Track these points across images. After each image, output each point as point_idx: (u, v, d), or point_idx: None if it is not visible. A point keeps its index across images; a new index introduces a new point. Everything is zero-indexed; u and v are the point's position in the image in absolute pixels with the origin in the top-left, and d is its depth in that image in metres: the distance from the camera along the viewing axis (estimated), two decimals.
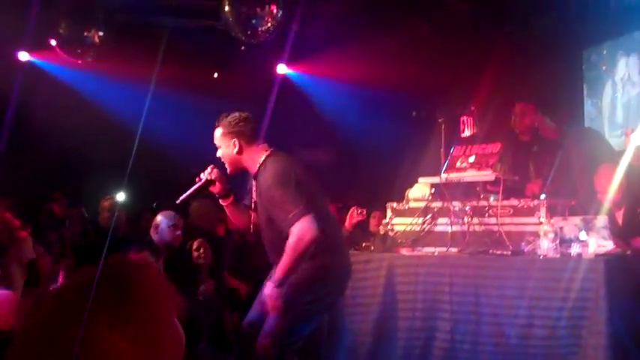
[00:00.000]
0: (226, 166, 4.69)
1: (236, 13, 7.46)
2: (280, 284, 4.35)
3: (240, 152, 4.59)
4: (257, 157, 4.59)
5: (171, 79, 9.15)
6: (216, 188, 4.68)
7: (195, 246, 6.70)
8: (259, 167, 4.57)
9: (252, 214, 4.81)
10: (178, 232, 6.47)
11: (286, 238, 4.29)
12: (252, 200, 4.73)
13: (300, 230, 4.27)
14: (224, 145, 4.63)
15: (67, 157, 9.55)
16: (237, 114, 4.65)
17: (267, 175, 4.49)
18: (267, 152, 4.61)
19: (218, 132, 4.66)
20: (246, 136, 4.60)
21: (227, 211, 4.85)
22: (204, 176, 4.65)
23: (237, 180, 4.87)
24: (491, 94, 8.05)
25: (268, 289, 4.38)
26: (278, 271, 4.36)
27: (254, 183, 4.70)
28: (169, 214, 6.57)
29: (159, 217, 6.51)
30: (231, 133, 4.60)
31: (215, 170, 4.66)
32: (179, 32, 9.00)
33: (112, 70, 9.01)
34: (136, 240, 6.80)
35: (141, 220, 8.18)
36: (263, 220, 4.61)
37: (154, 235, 6.43)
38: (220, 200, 4.77)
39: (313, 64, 9.53)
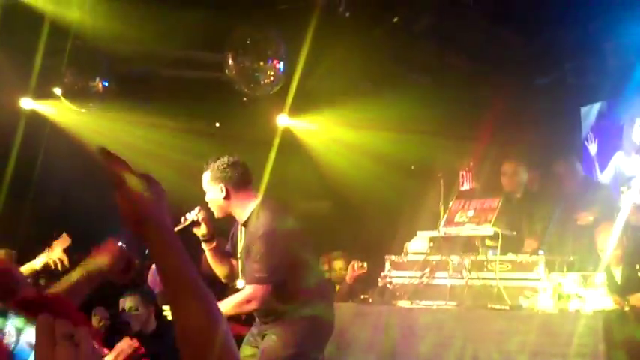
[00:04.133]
0: (213, 210, 4.60)
1: (239, 67, 7.55)
2: None
3: (227, 198, 4.51)
4: (246, 205, 4.53)
5: (173, 128, 9.23)
6: (200, 230, 4.59)
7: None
8: (250, 215, 4.51)
9: (234, 262, 4.79)
10: None
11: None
12: (237, 248, 4.71)
13: (252, 293, 4.35)
14: (211, 189, 4.54)
15: (69, 205, 9.56)
16: (225, 158, 4.58)
17: (259, 225, 4.43)
18: (258, 200, 4.55)
19: (206, 177, 4.57)
20: (234, 181, 4.51)
21: (208, 255, 4.72)
22: (189, 216, 4.56)
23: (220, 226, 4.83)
24: (489, 149, 8.13)
25: None
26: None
27: (242, 230, 4.65)
28: None
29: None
30: (218, 179, 4.50)
31: (202, 212, 4.58)
32: (182, 82, 9.10)
33: (115, 119, 9.07)
34: (129, 285, 6.81)
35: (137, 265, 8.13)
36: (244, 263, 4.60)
37: (150, 281, 6.45)
38: (203, 244, 4.66)
39: (314, 116, 9.62)
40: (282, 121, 9.72)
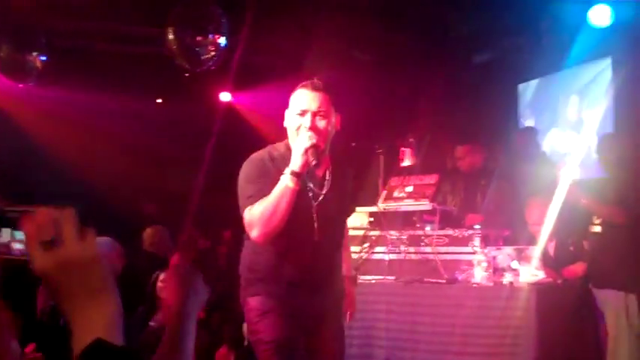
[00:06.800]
0: (321, 141, 3.49)
1: (179, 42, 7.49)
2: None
3: (335, 132, 3.65)
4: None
5: (114, 105, 9.12)
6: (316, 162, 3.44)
7: (161, 277, 6.69)
8: (336, 155, 3.75)
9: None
10: (112, 259, 6.44)
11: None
12: (317, 193, 3.57)
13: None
14: (333, 115, 3.60)
15: (6, 184, 9.40)
16: None
17: (348, 163, 3.86)
18: None
19: (324, 97, 3.57)
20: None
21: (289, 195, 3.37)
22: (307, 142, 3.44)
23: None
24: (429, 125, 8.21)
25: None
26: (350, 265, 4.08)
27: (323, 174, 3.66)
28: (103, 241, 6.54)
29: None
30: (335, 107, 3.62)
31: None
32: (122, 58, 8.98)
33: (53, 95, 8.93)
34: None
35: None
36: (332, 216, 3.64)
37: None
38: (294, 178, 3.37)
39: (256, 92, 9.60)
40: (225, 97, 9.69)
